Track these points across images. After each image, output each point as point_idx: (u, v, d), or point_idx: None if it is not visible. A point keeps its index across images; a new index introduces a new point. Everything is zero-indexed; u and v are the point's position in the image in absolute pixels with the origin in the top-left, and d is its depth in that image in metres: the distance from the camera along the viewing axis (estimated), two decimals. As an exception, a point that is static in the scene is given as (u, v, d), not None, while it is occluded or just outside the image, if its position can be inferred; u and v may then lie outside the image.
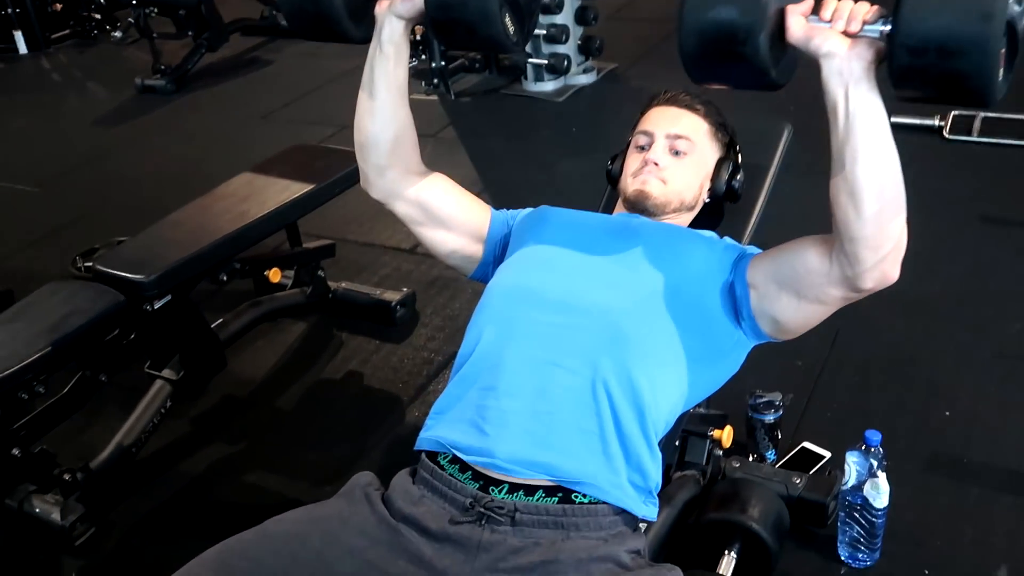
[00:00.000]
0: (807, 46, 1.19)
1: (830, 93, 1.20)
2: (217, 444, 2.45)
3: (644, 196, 1.58)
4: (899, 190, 1.23)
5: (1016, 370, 2.42)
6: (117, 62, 5.83)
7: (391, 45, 1.51)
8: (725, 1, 1.19)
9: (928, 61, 1.08)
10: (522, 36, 1.47)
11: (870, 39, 1.16)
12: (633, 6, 5.81)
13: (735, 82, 1.29)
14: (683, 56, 1.26)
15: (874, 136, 1.19)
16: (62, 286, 2.25)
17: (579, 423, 1.31)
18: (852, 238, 1.24)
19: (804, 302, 1.38)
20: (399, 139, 1.58)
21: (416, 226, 1.65)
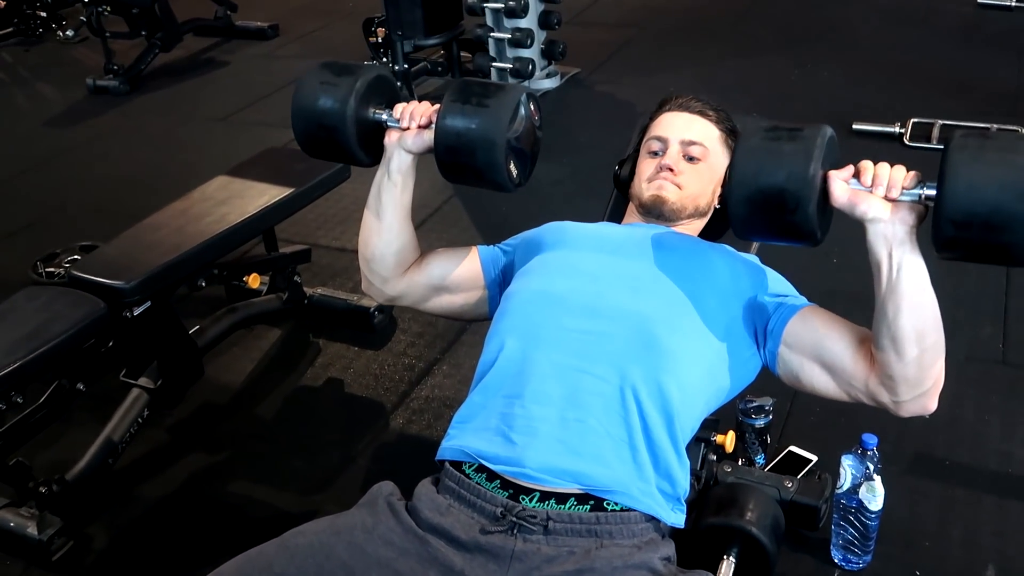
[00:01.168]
0: (852, 211, 1.26)
1: (874, 253, 1.27)
2: (198, 453, 2.39)
3: (661, 201, 1.58)
4: (939, 337, 1.30)
5: (990, 373, 2.48)
6: (66, 62, 5.67)
7: (399, 175, 1.57)
8: (774, 175, 1.25)
9: (972, 235, 1.15)
10: (524, 177, 1.56)
11: (911, 203, 1.23)
12: (593, 10, 5.84)
13: (781, 239, 1.34)
14: (733, 219, 1.32)
15: (917, 292, 1.26)
16: (39, 292, 2.18)
17: (609, 430, 1.31)
18: (892, 377, 1.31)
19: (832, 385, 1.42)
20: (403, 254, 1.63)
21: (421, 305, 1.69)
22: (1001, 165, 1.14)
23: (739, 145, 1.32)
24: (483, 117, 1.44)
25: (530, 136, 1.54)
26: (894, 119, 3.82)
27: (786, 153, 1.27)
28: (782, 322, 1.44)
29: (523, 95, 1.51)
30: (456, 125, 1.45)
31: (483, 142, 1.44)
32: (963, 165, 1.16)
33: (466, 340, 2.74)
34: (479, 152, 1.45)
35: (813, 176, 1.25)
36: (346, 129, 1.53)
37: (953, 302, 2.76)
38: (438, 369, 2.64)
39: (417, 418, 2.45)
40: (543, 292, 1.47)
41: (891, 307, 1.27)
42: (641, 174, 1.64)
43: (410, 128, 1.53)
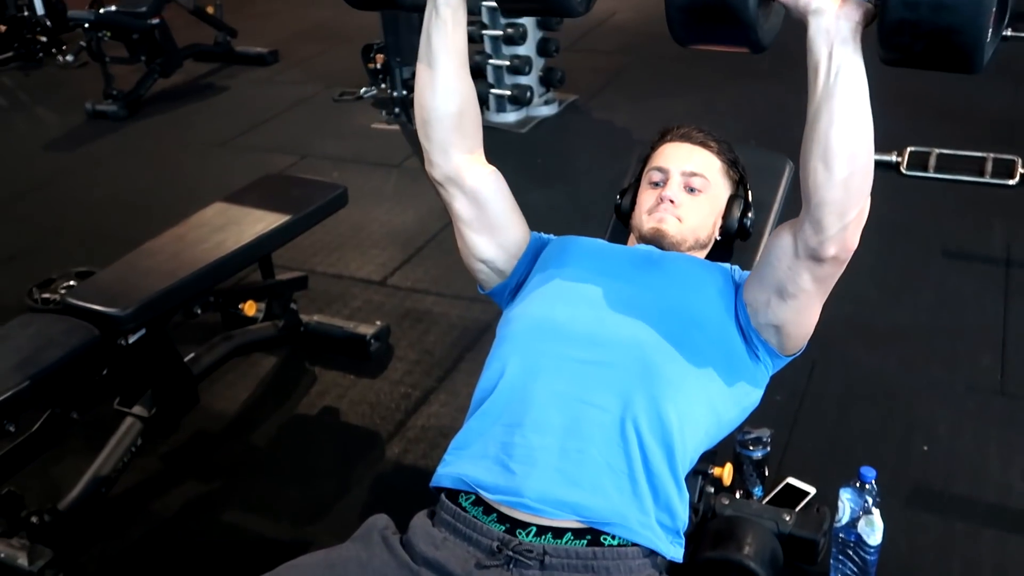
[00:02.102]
0: (796, 2, 1.20)
1: (814, 52, 1.20)
2: (191, 483, 2.37)
3: (661, 235, 1.57)
4: (870, 158, 1.23)
5: (989, 404, 2.47)
6: (65, 86, 5.68)
7: (448, 8, 1.42)
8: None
9: (920, 15, 1.08)
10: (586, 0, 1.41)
11: (859, 0, 1.17)
12: (591, 38, 5.87)
13: (720, 39, 1.28)
14: (670, 9, 1.25)
15: (853, 99, 1.19)
16: (34, 319, 2.17)
17: (609, 461, 1.29)
18: (820, 202, 1.24)
19: (788, 298, 1.37)
20: (463, 112, 1.49)
21: (463, 224, 1.58)
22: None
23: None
24: None
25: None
26: (891, 147, 3.83)
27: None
28: (741, 295, 1.44)
29: None
30: None
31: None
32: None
33: (463, 368, 2.73)
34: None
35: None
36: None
37: (951, 333, 2.76)
38: (434, 397, 2.63)
39: (413, 447, 2.43)
40: (544, 319, 1.45)
41: (825, 116, 1.19)
42: (642, 205, 1.63)
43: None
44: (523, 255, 1.60)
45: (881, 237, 3.19)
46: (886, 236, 3.23)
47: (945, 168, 3.75)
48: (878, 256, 3.09)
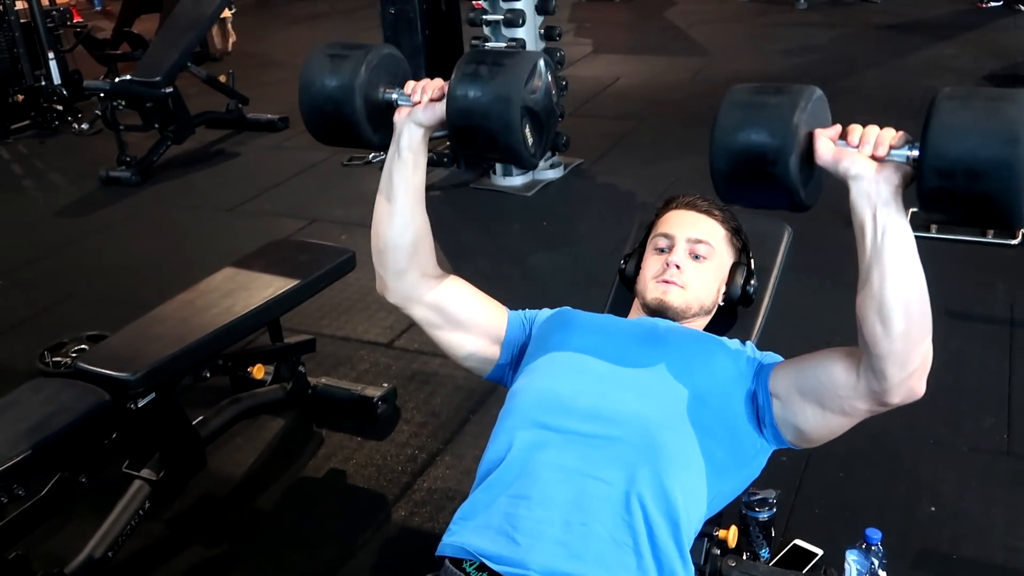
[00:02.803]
0: (835, 168, 1.23)
1: (858, 215, 1.24)
2: (197, 547, 2.37)
3: (665, 306, 1.60)
4: (926, 309, 1.25)
5: (994, 465, 2.47)
6: (80, 153, 5.80)
7: (410, 152, 1.52)
8: (756, 123, 1.24)
9: (956, 184, 1.12)
10: (540, 148, 1.49)
11: (897, 163, 1.21)
12: (595, 103, 5.98)
13: (764, 202, 1.32)
14: (714, 175, 1.30)
15: (901, 257, 1.22)
16: (45, 384, 2.20)
17: (613, 535, 1.30)
18: (880, 355, 1.27)
19: (829, 413, 1.39)
20: (417, 243, 1.58)
21: (433, 329, 1.65)
22: (985, 112, 1.13)
23: (725, 99, 1.31)
24: (499, 77, 1.39)
25: (547, 103, 1.46)
26: (892, 209, 3.87)
27: (770, 105, 1.25)
28: (765, 382, 1.45)
29: (541, 59, 1.45)
30: (469, 88, 1.39)
31: (498, 100, 1.38)
32: (949, 112, 1.14)
33: (469, 430, 2.74)
34: (493, 113, 1.38)
35: (796, 127, 1.22)
36: (354, 103, 1.47)
37: (956, 393, 2.76)
38: (440, 460, 2.63)
39: (419, 510, 2.44)
40: (549, 393, 1.47)
41: (876, 275, 1.23)
42: (647, 271, 1.66)
43: (421, 101, 1.49)
44: (506, 337, 1.64)
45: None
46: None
47: (947, 229, 3.78)
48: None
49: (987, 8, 7.76)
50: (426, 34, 4.49)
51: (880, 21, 7.66)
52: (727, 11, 8.61)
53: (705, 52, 7.13)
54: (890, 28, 7.47)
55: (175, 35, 5.43)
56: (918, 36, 7.11)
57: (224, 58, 7.94)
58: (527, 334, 1.65)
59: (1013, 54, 6.28)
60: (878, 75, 6.16)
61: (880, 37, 7.27)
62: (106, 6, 10.78)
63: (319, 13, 10.00)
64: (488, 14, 4.43)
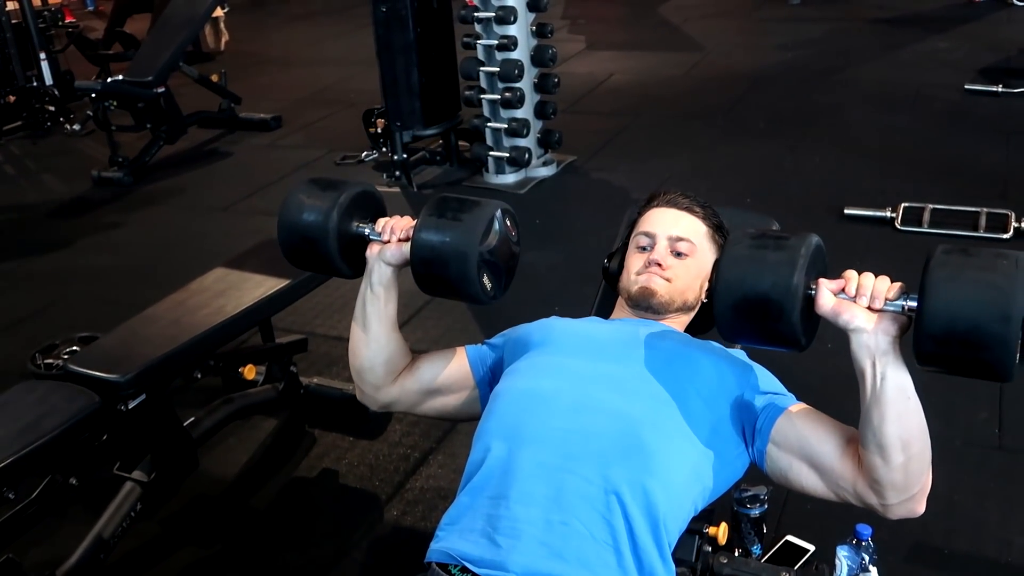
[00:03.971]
0: (835, 320, 1.28)
1: (858, 362, 1.29)
2: (190, 548, 2.37)
3: (650, 293, 1.60)
4: (925, 445, 1.29)
5: (987, 459, 2.47)
6: (72, 154, 5.78)
7: (381, 287, 1.60)
8: (759, 282, 1.29)
9: (951, 352, 1.18)
10: (499, 290, 1.57)
11: (894, 314, 1.26)
12: (589, 100, 5.97)
13: (766, 343, 1.36)
14: (720, 324, 1.35)
15: (901, 401, 1.27)
16: (35, 386, 2.20)
17: (593, 533, 1.30)
18: (879, 481, 1.31)
19: (821, 484, 1.41)
20: (392, 362, 1.64)
21: (417, 408, 1.70)
22: (980, 284, 1.17)
23: (725, 252, 1.34)
24: (456, 231, 1.48)
25: (505, 250, 1.56)
26: (885, 204, 3.88)
27: (771, 262, 1.30)
28: (770, 422, 1.44)
29: (498, 211, 1.53)
30: (431, 238, 1.49)
31: (455, 255, 1.47)
32: (942, 283, 1.18)
33: (461, 429, 2.74)
34: (452, 265, 1.47)
35: (796, 286, 1.27)
36: (328, 242, 1.56)
37: (948, 388, 2.74)
38: (433, 459, 2.63)
39: (411, 509, 2.44)
40: (529, 391, 1.48)
41: (876, 415, 1.27)
42: (630, 268, 1.67)
43: (390, 241, 1.56)
44: (475, 376, 1.67)
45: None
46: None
47: (939, 223, 3.79)
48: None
49: (980, 2, 7.76)
50: (418, 32, 4.48)
51: (874, 15, 7.66)
52: (721, 6, 8.59)
53: (699, 47, 7.13)
54: (884, 22, 7.47)
55: (167, 35, 5.42)
56: (912, 30, 7.11)
57: (217, 57, 7.92)
58: (496, 353, 1.68)
59: (1007, 47, 6.28)
60: (873, 69, 6.15)
61: (874, 31, 7.27)
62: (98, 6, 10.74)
63: (312, 11, 9.98)
64: (479, 11, 4.42)
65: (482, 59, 4.53)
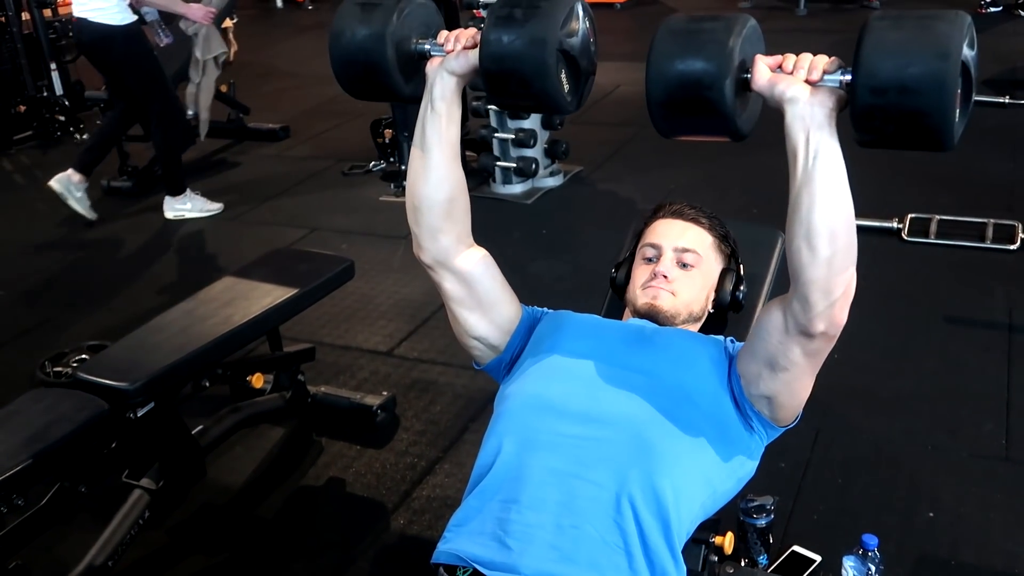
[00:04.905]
0: (771, 92, 1.25)
1: (791, 138, 1.25)
2: (197, 556, 2.38)
3: (656, 310, 1.61)
4: (852, 237, 1.27)
5: (993, 470, 2.47)
6: (82, 163, 5.81)
7: (443, 102, 1.49)
8: (692, 49, 1.25)
9: (888, 100, 1.14)
10: (576, 98, 1.44)
11: (831, 88, 1.23)
12: (595, 110, 5.98)
13: (701, 130, 1.33)
14: (651, 105, 1.30)
15: (832, 181, 1.24)
16: (44, 394, 2.21)
17: (604, 537, 1.31)
18: (805, 281, 1.28)
19: (779, 371, 1.39)
20: (452, 200, 1.54)
21: (454, 303, 1.61)
22: (916, 29, 1.14)
23: (660, 27, 1.29)
24: (534, 19, 1.35)
25: (586, 52, 1.43)
26: (892, 214, 3.88)
27: (706, 31, 1.26)
28: (735, 368, 1.46)
29: (579, 3, 1.41)
30: (504, 31, 1.36)
31: (533, 42, 1.34)
32: (880, 31, 1.16)
33: (468, 438, 2.75)
34: (528, 56, 1.34)
35: (731, 51, 1.23)
36: (385, 53, 1.44)
37: (955, 399, 2.77)
38: (440, 468, 2.64)
39: (418, 518, 2.44)
40: (539, 396, 1.48)
41: (806, 198, 1.24)
42: (636, 280, 1.68)
43: (454, 49, 1.46)
44: (515, 331, 1.63)
45: (883, 304, 3.21)
46: (888, 303, 3.26)
47: (946, 234, 3.79)
48: (880, 323, 3.11)
49: (987, 13, 7.76)
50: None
51: (880, 27, 7.66)
52: (727, 18, 8.61)
53: (705, 59, 7.13)
54: (890, 34, 7.47)
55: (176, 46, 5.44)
56: (918, 41, 7.11)
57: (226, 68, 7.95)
58: (528, 335, 1.65)
59: (1013, 59, 6.28)
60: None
61: (880, 43, 7.27)
62: (109, 17, 10.80)
63: (321, 22, 10.02)
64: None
65: (489, 70, 4.54)
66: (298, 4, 11.16)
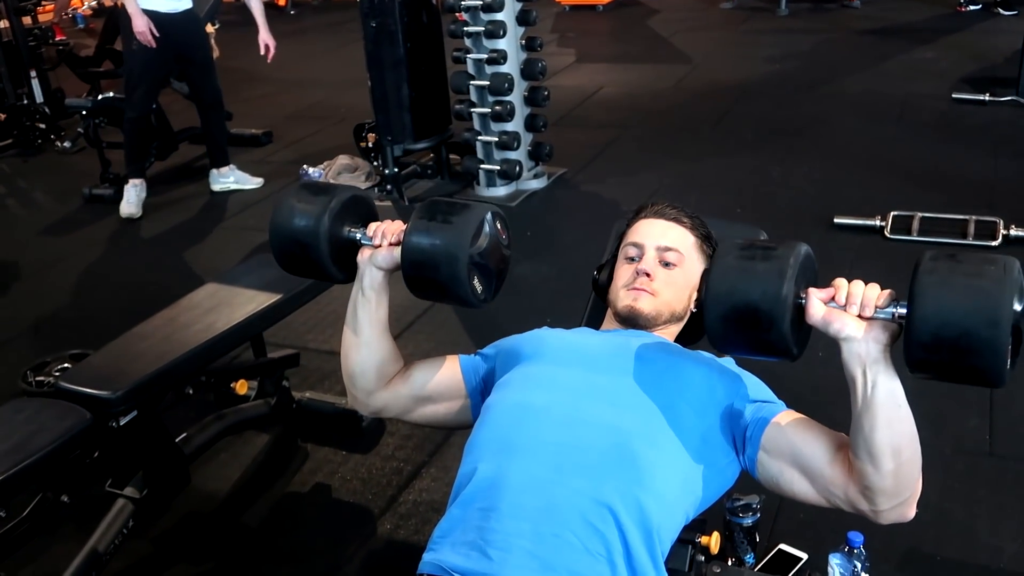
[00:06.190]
0: (826, 329, 1.29)
1: (849, 371, 1.29)
2: (183, 565, 2.37)
3: (636, 313, 1.61)
4: (916, 451, 1.30)
5: (978, 465, 2.48)
6: (63, 171, 5.78)
7: (372, 291, 1.61)
8: (749, 294, 1.29)
9: (941, 358, 1.19)
10: (490, 294, 1.57)
11: (884, 322, 1.26)
12: (578, 113, 6.00)
13: (758, 355, 1.37)
14: (711, 336, 1.35)
15: (891, 408, 1.27)
16: (26, 404, 2.19)
17: (586, 546, 1.30)
18: (870, 487, 1.31)
19: (812, 490, 1.41)
20: (383, 368, 1.66)
21: (408, 415, 1.71)
22: (968, 290, 1.17)
23: (714, 263, 1.35)
24: (447, 233, 1.49)
25: (496, 254, 1.56)
26: (874, 212, 3.90)
27: (760, 272, 1.30)
28: (760, 429, 1.44)
29: (488, 213, 1.54)
30: (421, 241, 1.49)
31: (446, 257, 1.47)
32: (931, 289, 1.19)
33: (455, 442, 2.74)
34: (442, 267, 1.48)
35: (786, 296, 1.27)
36: (319, 246, 1.56)
37: (939, 395, 2.76)
38: (426, 472, 2.63)
39: (404, 523, 2.43)
40: (521, 404, 1.48)
41: (867, 422, 1.27)
42: (618, 280, 1.68)
43: (381, 245, 1.57)
44: (467, 385, 1.68)
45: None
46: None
47: (928, 231, 3.81)
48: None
49: (967, 12, 7.82)
50: (408, 46, 4.50)
51: (861, 26, 7.71)
52: (709, 19, 8.65)
53: (688, 60, 7.16)
54: (871, 32, 7.52)
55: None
56: (899, 40, 7.16)
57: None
58: (488, 363, 1.68)
59: (993, 57, 6.33)
60: (861, 80, 6.19)
61: (861, 42, 7.32)
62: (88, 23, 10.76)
63: (303, 27, 10.01)
64: (469, 26, 4.45)
65: (472, 73, 4.55)
66: (280, 9, 11.12)
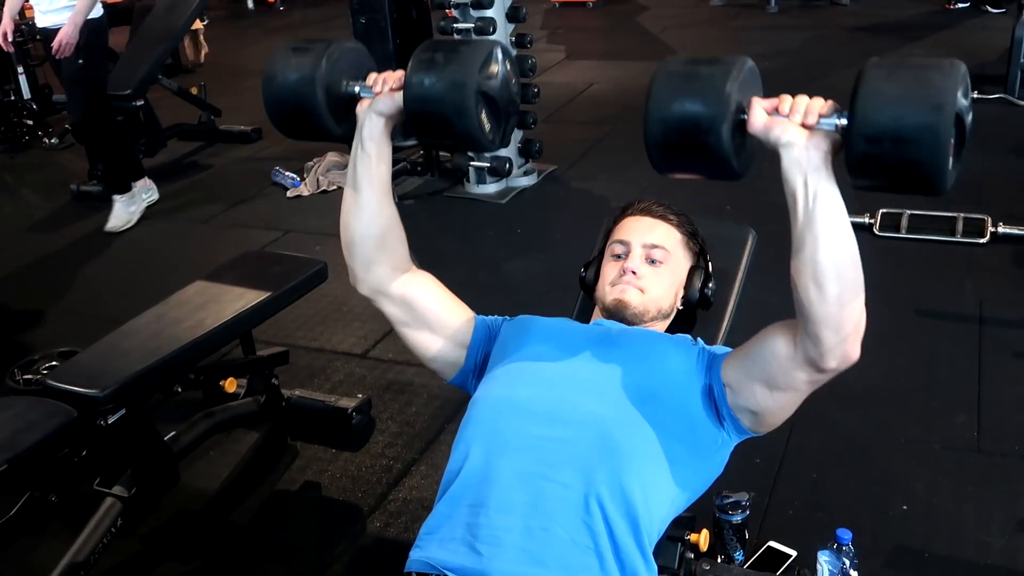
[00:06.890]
0: (767, 136, 1.25)
1: (789, 182, 1.26)
2: (172, 563, 2.36)
3: (624, 306, 1.61)
4: (858, 273, 1.27)
5: (965, 462, 2.49)
6: (50, 168, 5.74)
7: (372, 143, 1.52)
8: (690, 93, 1.26)
9: (883, 149, 1.15)
10: (499, 135, 1.50)
11: (826, 131, 1.23)
12: (568, 110, 5.99)
13: (697, 171, 1.34)
14: (648, 146, 1.31)
15: (833, 222, 1.24)
16: (12, 402, 2.18)
17: (574, 538, 1.31)
18: (814, 319, 1.28)
19: (776, 391, 1.41)
20: (385, 235, 1.59)
21: (401, 326, 1.65)
22: (911, 80, 1.16)
23: (658, 70, 1.31)
24: (453, 63, 1.41)
25: (505, 90, 1.47)
26: (863, 210, 3.90)
27: (703, 75, 1.27)
28: (718, 374, 1.46)
29: (497, 47, 1.47)
30: (425, 74, 1.42)
31: (452, 85, 1.40)
32: (876, 81, 1.17)
33: (444, 440, 2.74)
34: (448, 97, 1.40)
35: (728, 96, 1.24)
36: (315, 96, 1.48)
37: (926, 392, 2.79)
38: (416, 469, 2.63)
39: (394, 521, 2.43)
40: (506, 399, 1.48)
41: (809, 240, 1.25)
42: (605, 277, 1.68)
43: (381, 91, 1.50)
44: (471, 342, 1.65)
45: (855, 298, 3.23)
46: (860, 297, 3.27)
47: (917, 228, 3.82)
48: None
49: (955, 9, 7.84)
50: (397, 43, 4.49)
51: (850, 23, 7.73)
52: (699, 15, 8.65)
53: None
54: (860, 30, 7.54)
55: (146, 48, 5.38)
56: (888, 37, 7.18)
57: (196, 70, 7.90)
58: (491, 341, 1.65)
59: (981, 54, 6.34)
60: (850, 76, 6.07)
61: (851, 39, 7.33)
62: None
63: (292, 23, 9.99)
64: (459, 22, 4.43)
65: (462, 70, 4.53)
66: (269, 5, 11.10)
